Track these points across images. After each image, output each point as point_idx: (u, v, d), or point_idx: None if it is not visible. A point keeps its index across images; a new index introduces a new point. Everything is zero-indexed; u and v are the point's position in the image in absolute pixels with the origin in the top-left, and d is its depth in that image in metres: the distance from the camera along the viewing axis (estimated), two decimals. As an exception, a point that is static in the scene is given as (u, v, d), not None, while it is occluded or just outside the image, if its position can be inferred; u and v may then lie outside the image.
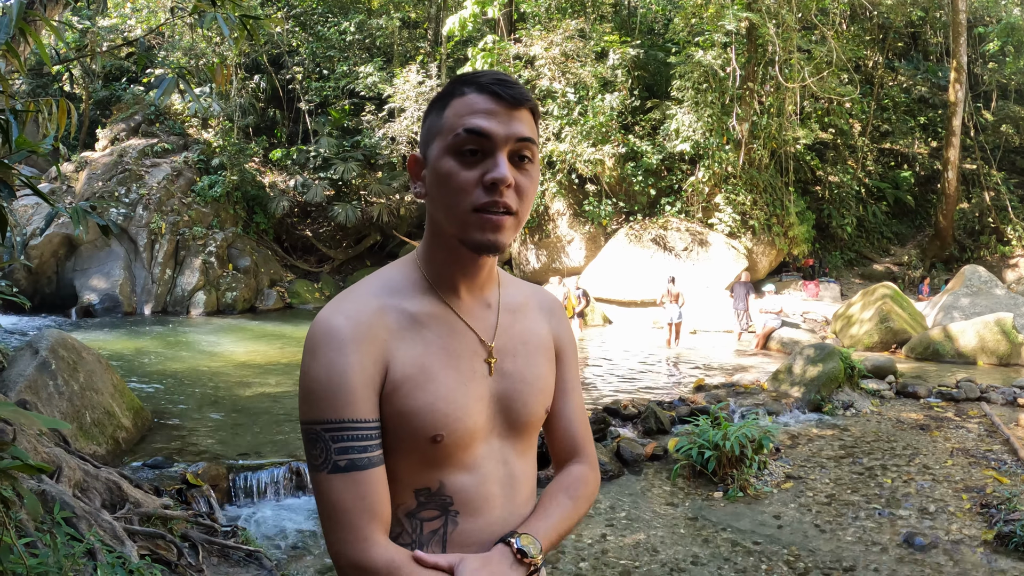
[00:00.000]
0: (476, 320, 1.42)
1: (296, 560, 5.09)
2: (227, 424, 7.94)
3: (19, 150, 2.18)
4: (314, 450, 1.27)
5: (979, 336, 13.22)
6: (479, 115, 1.27)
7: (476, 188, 1.27)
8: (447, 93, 1.33)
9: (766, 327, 15.15)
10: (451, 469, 1.35)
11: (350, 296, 1.36)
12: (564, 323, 1.61)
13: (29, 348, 6.71)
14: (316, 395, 1.27)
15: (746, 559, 5.16)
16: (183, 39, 22.51)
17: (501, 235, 1.28)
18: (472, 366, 1.38)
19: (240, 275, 20.52)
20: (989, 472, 6.91)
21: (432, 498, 1.35)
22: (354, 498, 1.26)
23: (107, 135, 21.87)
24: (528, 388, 1.45)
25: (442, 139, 1.30)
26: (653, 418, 8.10)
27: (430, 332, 1.36)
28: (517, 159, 1.30)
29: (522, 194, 1.31)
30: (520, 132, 1.29)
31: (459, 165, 1.28)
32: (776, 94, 20.36)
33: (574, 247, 21.26)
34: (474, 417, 1.36)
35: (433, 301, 1.38)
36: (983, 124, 25.68)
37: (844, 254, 23.57)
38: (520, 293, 1.54)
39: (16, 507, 3.21)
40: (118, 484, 4.43)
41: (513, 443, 1.44)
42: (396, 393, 1.30)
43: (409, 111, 20.96)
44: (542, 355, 1.51)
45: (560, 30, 20.04)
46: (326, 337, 1.29)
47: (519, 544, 1.32)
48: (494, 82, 1.29)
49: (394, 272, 1.42)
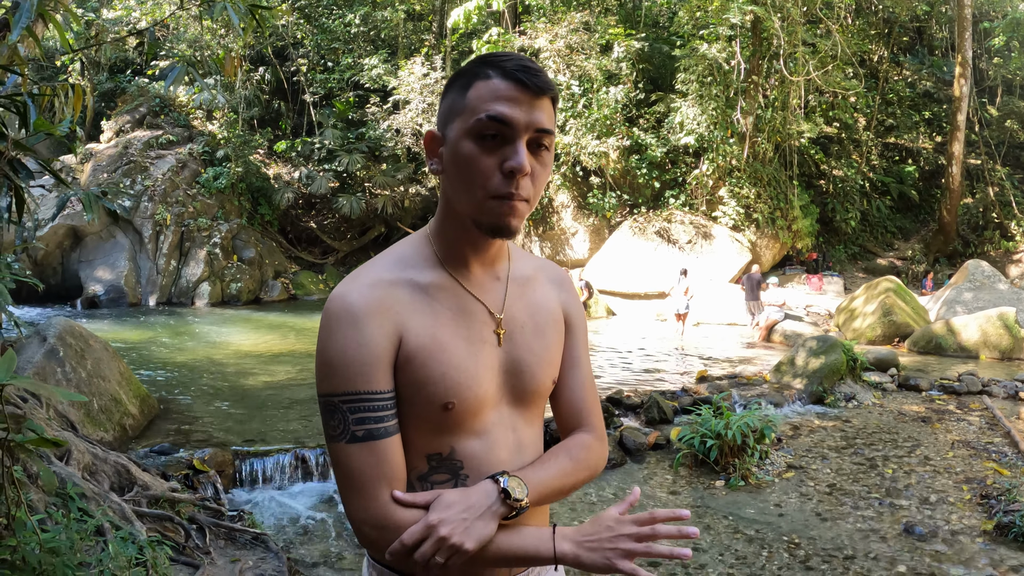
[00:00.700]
0: (485, 292, 1.46)
1: (302, 544, 5.14)
2: (232, 412, 7.99)
3: (37, 132, 2.23)
4: (332, 421, 1.32)
5: (982, 330, 13.23)
6: (502, 102, 1.29)
7: (495, 174, 1.30)
8: (471, 72, 1.34)
9: (769, 319, 15.20)
10: (462, 435, 1.40)
11: (364, 272, 1.41)
12: (573, 296, 1.64)
13: (37, 335, 6.77)
14: (334, 368, 1.31)
15: (747, 546, 5.20)
16: (188, 31, 22.53)
17: (515, 220, 1.32)
18: (481, 336, 1.43)
19: (245, 266, 20.57)
20: (990, 464, 6.95)
21: (443, 463, 1.40)
22: (372, 465, 1.31)
23: (112, 127, 21.90)
24: (535, 358, 1.49)
25: (463, 120, 1.32)
26: (656, 408, 8.15)
27: (440, 304, 1.40)
28: (535, 146, 1.33)
29: (536, 181, 1.34)
30: (540, 123, 1.31)
31: (479, 149, 1.30)
32: (781, 87, 20.36)
33: (578, 239, 21.30)
34: (484, 386, 1.41)
35: (443, 275, 1.42)
36: (988, 119, 25.65)
37: (848, 248, 23.57)
38: (529, 266, 1.58)
39: (27, 488, 3.26)
40: (126, 467, 4.49)
41: (521, 411, 1.49)
42: (410, 363, 1.35)
43: (414, 103, 20.98)
44: (551, 326, 1.55)
45: (565, 23, 20.06)
46: (342, 312, 1.33)
47: (505, 483, 1.35)
48: (519, 68, 1.30)
49: (406, 247, 1.46)
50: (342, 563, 4.91)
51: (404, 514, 1.31)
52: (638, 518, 1.36)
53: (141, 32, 7.24)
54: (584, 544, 1.34)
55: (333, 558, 4.96)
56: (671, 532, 1.34)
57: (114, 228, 19.36)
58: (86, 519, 3.10)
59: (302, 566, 4.72)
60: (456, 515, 1.29)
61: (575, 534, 1.36)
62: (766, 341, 15.01)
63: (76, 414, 6.11)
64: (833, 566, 4.88)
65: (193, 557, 4.04)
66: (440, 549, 1.27)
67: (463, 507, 1.31)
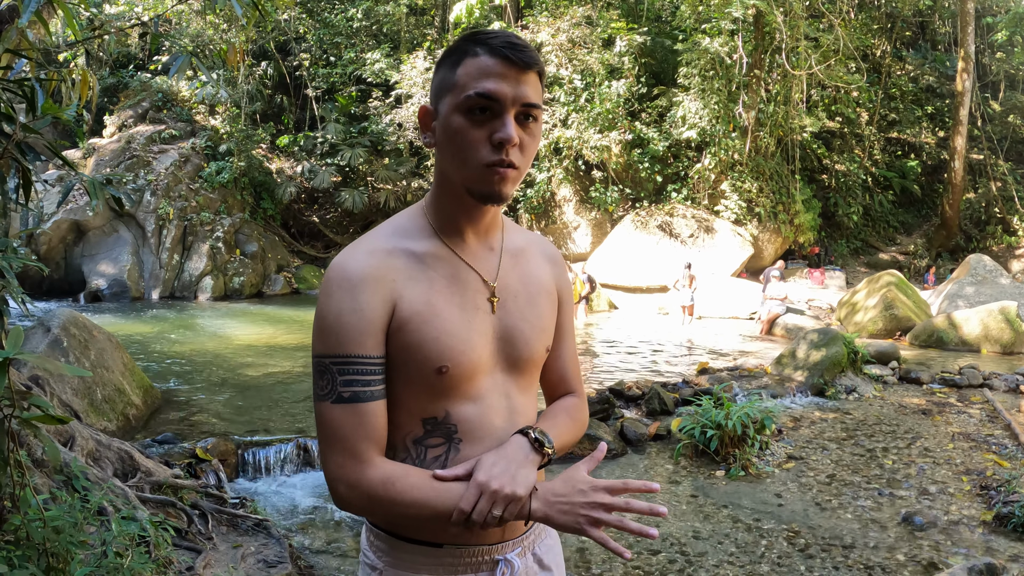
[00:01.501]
0: (479, 262, 1.51)
1: (304, 532, 5.18)
2: (235, 403, 8.03)
3: (44, 116, 2.26)
4: (321, 380, 1.37)
5: (983, 324, 13.24)
6: (490, 78, 1.34)
7: (484, 145, 1.35)
8: (460, 50, 1.39)
9: (771, 313, 15.24)
10: (456, 399, 1.44)
11: (363, 241, 1.46)
12: (564, 272, 1.72)
13: (41, 326, 6.81)
14: (327, 331, 1.37)
15: (746, 535, 5.23)
16: (190, 26, 22.53)
17: (505, 187, 1.37)
18: (475, 303, 1.48)
19: (247, 260, 20.60)
20: (989, 456, 6.97)
21: (438, 427, 1.44)
22: (353, 426, 1.36)
23: (115, 122, 21.92)
24: (529, 326, 1.54)
25: (453, 96, 1.37)
26: (657, 399, 8.17)
27: (434, 272, 1.45)
28: (522, 118, 1.38)
29: (524, 150, 1.39)
30: (527, 96, 1.36)
31: (469, 123, 1.35)
32: (783, 82, 20.36)
33: (580, 233, 21.30)
34: (478, 351, 1.45)
35: (438, 244, 1.47)
36: (990, 114, 25.62)
37: (850, 243, 23.57)
38: (522, 239, 1.64)
39: (31, 472, 3.29)
40: (130, 454, 4.52)
41: (516, 379, 1.53)
42: (404, 328, 1.39)
43: (416, 97, 20.97)
44: (543, 297, 1.60)
45: (567, 17, 20.04)
46: (339, 279, 1.39)
47: (535, 434, 1.44)
48: (505, 45, 1.35)
49: (402, 219, 1.52)
50: (343, 549, 4.94)
51: (376, 473, 1.35)
52: (611, 486, 1.41)
53: (144, 24, 7.28)
54: (556, 505, 1.39)
55: (334, 544, 5.00)
56: (642, 508, 1.37)
57: (117, 223, 19.41)
58: (89, 498, 3.13)
59: (304, 552, 4.76)
60: (501, 470, 1.36)
61: (546, 492, 1.40)
62: (767, 334, 15.04)
63: (80, 404, 6.15)
64: (832, 555, 4.90)
65: (195, 542, 4.07)
66: (495, 502, 1.33)
67: (504, 462, 1.38)
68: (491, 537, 1.49)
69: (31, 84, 2.30)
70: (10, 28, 2.55)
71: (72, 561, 2.45)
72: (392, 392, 1.43)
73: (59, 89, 2.88)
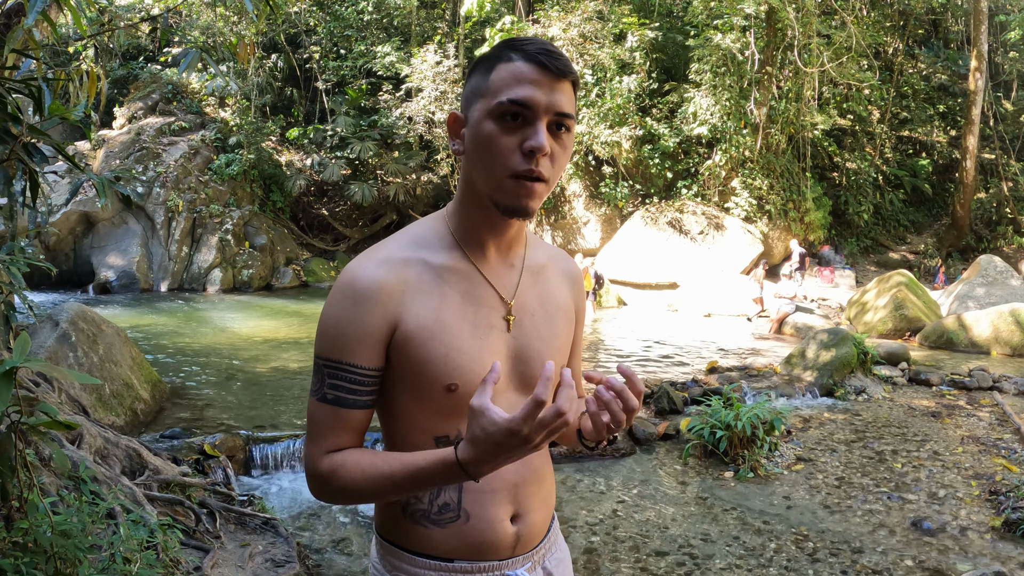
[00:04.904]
0: (498, 277, 1.48)
1: (311, 530, 5.18)
2: (243, 398, 8.04)
3: (51, 116, 2.25)
4: (315, 377, 1.41)
5: (993, 326, 13.16)
6: (524, 84, 1.32)
7: (514, 153, 1.33)
8: (494, 56, 1.37)
9: (780, 312, 15.18)
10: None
11: (379, 249, 1.45)
12: (581, 291, 1.71)
13: (49, 320, 6.81)
14: (325, 335, 1.39)
15: (755, 538, 5.21)
16: (200, 18, 22.54)
17: (533, 201, 1.35)
18: (489, 321, 1.45)
19: (256, 253, 20.63)
20: (999, 460, 6.92)
21: (450, 445, 1.40)
22: (330, 423, 1.38)
23: (124, 114, 21.96)
24: (545, 346, 1.51)
25: (485, 102, 1.35)
26: (666, 398, 8.14)
27: (449, 287, 1.42)
28: (555, 128, 1.35)
29: (555, 162, 1.36)
30: (560, 106, 1.34)
31: (500, 130, 1.33)
32: (795, 79, 20.26)
33: (590, 229, 21.27)
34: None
35: (457, 256, 1.45)
36: (1002, 114, 25.45)
37: (860, 241, 23.45)
38: (544, 255, 1.62)
39: (39, 471, 3.29)
40: (138, 452, 4.52)
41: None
42: (409, 343, 1.38)
43: (426, 91, 20.93)
44: (561, 316, 1.58)
45: (578, 11, 19.96)
46: (345, 286, 1.39)
47: None
48: (541, 52, 1.33)
49: (423, 227, 1.49)
50: (351, 548, 4.94)
51: (329, 462, 1.36)
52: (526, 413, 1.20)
53: (154, 18, 7.26)
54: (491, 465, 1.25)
55: (342, 544, 4.99)
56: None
57: (126, 214, 19.44)
58: (97, 502, 3.12)
59: (311, 551, 4.76)
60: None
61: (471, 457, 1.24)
62: (777, 333, 14.99)
63: (88, 399, 6.15)
64: (841, 559, 4.88)
65: (203, 541, 4.06)
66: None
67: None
68: (501, 552, 1.47)
69: (38, 84, 2.28)
70: (16, 27, 2.53)
71: (80, 566, 2.45)
72: (403, 409, 1.42)
73: (66, 88, 2.86)
